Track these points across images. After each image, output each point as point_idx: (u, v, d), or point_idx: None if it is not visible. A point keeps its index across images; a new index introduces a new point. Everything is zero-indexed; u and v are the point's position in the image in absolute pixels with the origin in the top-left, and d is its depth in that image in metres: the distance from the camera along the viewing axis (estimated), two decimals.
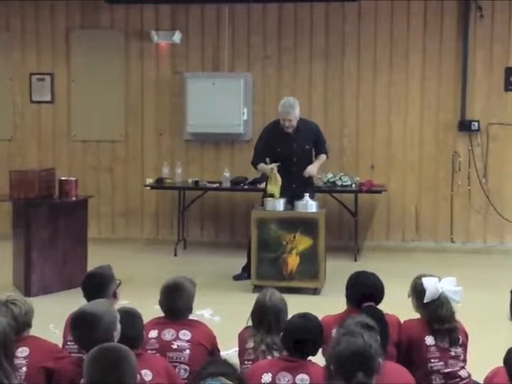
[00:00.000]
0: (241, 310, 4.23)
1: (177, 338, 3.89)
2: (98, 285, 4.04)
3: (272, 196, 6.94)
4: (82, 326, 3.31)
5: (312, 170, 7.19)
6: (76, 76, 9.46)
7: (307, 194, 6.92)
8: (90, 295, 3.96)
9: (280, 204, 6.87)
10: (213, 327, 4.17)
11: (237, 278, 7.41)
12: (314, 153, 7.34)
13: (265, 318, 3.85)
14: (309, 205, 6.87)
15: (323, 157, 7.38)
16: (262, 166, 7.18)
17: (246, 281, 7.15)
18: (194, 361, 3.79)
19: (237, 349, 4.03)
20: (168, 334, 3.91)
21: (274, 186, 7.00)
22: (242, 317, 4.06)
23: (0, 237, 8.67)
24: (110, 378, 2.69)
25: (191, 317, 4.13)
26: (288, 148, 7.13)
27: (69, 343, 3.93)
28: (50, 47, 9.50)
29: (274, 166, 6.99)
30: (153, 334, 3.91)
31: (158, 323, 3.99)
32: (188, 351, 3.86)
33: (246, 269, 7.27)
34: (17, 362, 3.35)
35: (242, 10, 9.11)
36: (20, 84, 9.57)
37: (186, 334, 3.91)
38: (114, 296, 4.10)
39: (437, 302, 3.88)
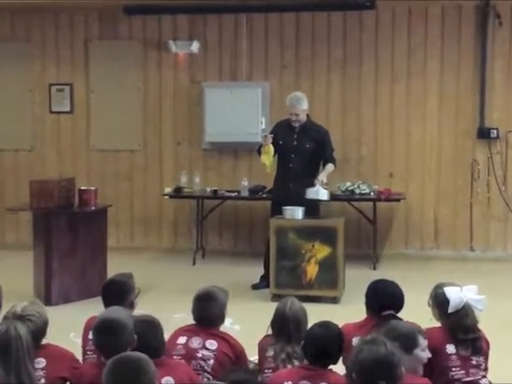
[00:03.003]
0: (260, 318, 4.23)
1: (203, 347, 3.89)
2: (118, 292, 4.06)
3: (265, 165, 7.10)
4: (108, 333, 3.31)
5: (322, 178, 7.00)
6: (95, 86, 9.53)
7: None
8: (108, 302, 3.97)
9: (299, 212, 6.88)
10: (233, 335, 4.17)
11: (255, 287, 7.39)
12: (321, 162, 7.23)
13: (285, 327, 3.84)
14: (320, 193, 6.84)
15: (331, 166, 7.21)
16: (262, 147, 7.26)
17: (264, 290, 7.15)
18: (218, 371, 3.79)
19: (257, 357, 4.03)
20: (195, 342, 3.91)
21: (266, 156, 7.08)
22: (262, 325, 4.06)
23: (21, 246, 8.77)
24: None
25: None
26: (289, 143, 7.16)
27: (88, 353, 3.93)
28: (69, 58, 9.58)
29: (269, 135, 7.06)
30: (181, 340, 3.93)
31: (188, 330, 4.00)
32: (212, 361, 3.86)
33: (265, 278, 7.26)
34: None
35: (260, 19, 9.13)
36: (40, 94, 9.65)
37: (212, 344, 3.91)
38: (131, 305, 4.10)
39: (461, 312, 3.81)
